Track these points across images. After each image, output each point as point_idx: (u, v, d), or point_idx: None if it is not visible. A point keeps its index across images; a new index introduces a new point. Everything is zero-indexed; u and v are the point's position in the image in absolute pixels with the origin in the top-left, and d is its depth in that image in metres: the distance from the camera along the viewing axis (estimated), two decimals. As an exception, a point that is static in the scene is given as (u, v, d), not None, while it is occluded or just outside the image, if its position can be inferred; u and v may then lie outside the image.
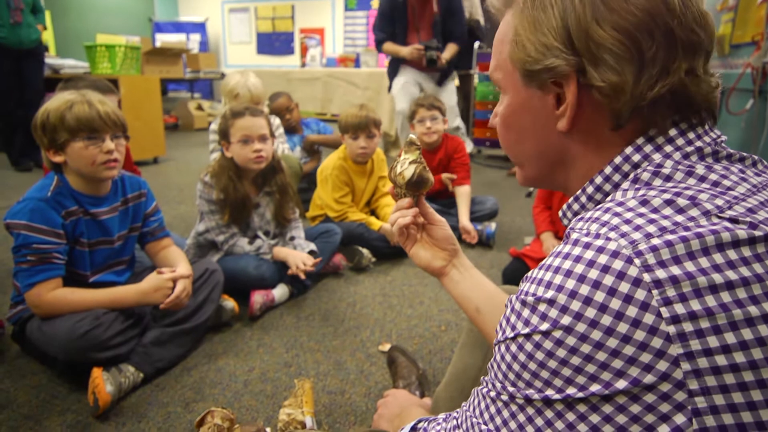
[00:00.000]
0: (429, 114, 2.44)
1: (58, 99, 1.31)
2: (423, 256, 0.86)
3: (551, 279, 0.46)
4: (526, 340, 0.47)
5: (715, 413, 0.40)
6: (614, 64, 0.49)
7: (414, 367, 1.28)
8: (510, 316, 0.50)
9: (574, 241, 0.47)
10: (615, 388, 0.42)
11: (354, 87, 4.85)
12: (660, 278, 0.41)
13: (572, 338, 0.44)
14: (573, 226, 0.50)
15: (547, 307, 0.45)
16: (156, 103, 4.28)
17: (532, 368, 0.47)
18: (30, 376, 1.37)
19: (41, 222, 1.28)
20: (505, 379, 0.50)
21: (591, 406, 0.44)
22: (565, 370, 0.45)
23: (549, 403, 0.46)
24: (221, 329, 1.63)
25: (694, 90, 0.50)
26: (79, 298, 1.31)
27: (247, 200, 1.83)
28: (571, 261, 0.45)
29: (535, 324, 0.46)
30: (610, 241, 0.44)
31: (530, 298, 0.47)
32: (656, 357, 0.41)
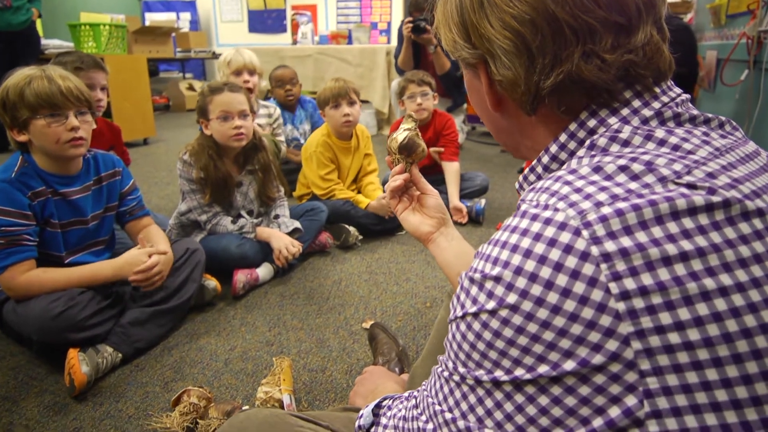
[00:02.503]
0: (419, 90, 2.39)
1: (18, 75, 1.26)
2: (411, 221, 0.87)
3: (498, 255, 0.44)
4: (474, 319, 0.45)
5: (668, 394, 0.38)
6: (505, 58, 0.49)
7: (394, 344, 1.26)
8: (460, 294, 0.48)
9: (522, 213, 0.45)
10: (563, 370, 0.40)
11: (346, 64, 4.76)
12: (609, 251, 0.39)
13: (518, 317, 0.41)
14: (524, 198, 0.47)
15: (493, 284, 0.43)
16: (144, 84, 4.21)
17: (481, 348, 0.45)
18: (8, 357, 1.36)
19: (6, 204, 1.25)
20: (456, 359, 0.48)
21: (539, 387, 0.42)
22: (512, 350, 0.42)
23: (498, 384, 0.44)
24: (204, 309, 1.61)
25: (594, 74, 0.46)
26: (52, 278, 1.28)
27: (229, 179, 1.80)
28: (517, 235, 0.43)
29: (482, 302, 0.44)
30: (558, 212, 0.41)
31: (477, 275, 0.45)
32: (605, 336, 0.38)
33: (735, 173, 0.42)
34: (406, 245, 2.14)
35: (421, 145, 0.84)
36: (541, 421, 0.42)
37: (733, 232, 0.39)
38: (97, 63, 1.88)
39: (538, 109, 0.51)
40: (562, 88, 0.48)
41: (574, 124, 0.49)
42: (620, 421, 0.39)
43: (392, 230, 2.25)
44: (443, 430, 0.50)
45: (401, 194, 0.88)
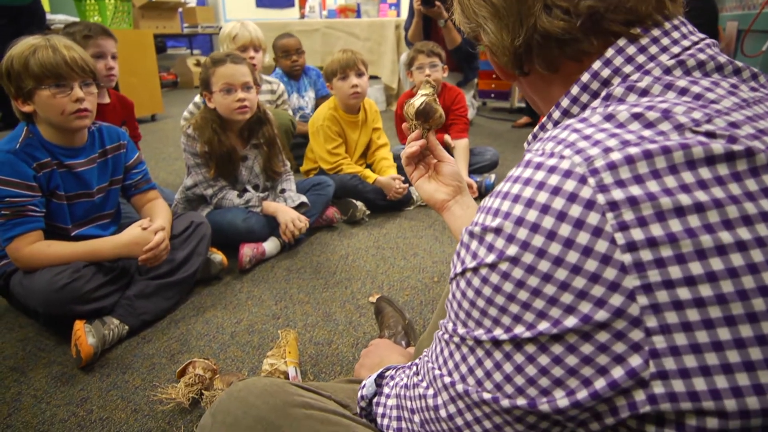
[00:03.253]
0: (428, 61, 2.33)
1: (22, 44, 1.24)
2: (426, 188, 0.86)
3: (499, 206, 0.42)
4: (473, 274, 0.43)
5: (676, 354, 0.35)
6: (486, 26, 0.51)
7: (400, 317, 1.25)
8: (460, 250, 0.46)
9: (526, 162, 0.42)
10: (564, 326, 0.38)
11: (354, 38, 4.67)
12: (616, 199, 0.36)
13: (519, 270, 0.39)
14: (530, 148, 0.44)
15: (493, 237, 0.41)
16: (151, 59, 4.16)
17: (480, 305, 0.43)
18: (17, 329, 1.37)
19: (11, 174, 1.24)
20: (456, 319, 0.46)
21: (540, 346, 0.39)
22: (512, 306, 0.40)
23: (497, 344, 0.42)
24: (210, 282, 1.61)
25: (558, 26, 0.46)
26: (57, 251, 1.28)
27: (234, 153, 1.77)
28: (520, 184, 0.41)
29: (482, 256, 0.42)
30: (564, 159, 0.39)
31: (477, 228, 0.43)
32: (609, 290, 0.36)
33: (761, 124, 0.38)
34: (413, 220, 2.11)
35: (438, 111, 0.82)
36: (541, 381, 0.40)
37: (755, 184, 0.35)
38: (105, 30, 1.85)
39: (528, 70, 0.52)
40: (535, 45, 0.48)
41: (587, 74, 0.47)
42: (624, 382, 0.37)
43: (400, 205, 2.22)
44: (442, 394, 0.48)
45: (417, 161, 0.86)
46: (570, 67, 0.49)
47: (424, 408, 0.51)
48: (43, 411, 1.08)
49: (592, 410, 0.39)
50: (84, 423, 1.05)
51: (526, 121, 3.87)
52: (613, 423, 0.39)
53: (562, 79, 0.51)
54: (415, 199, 2.25)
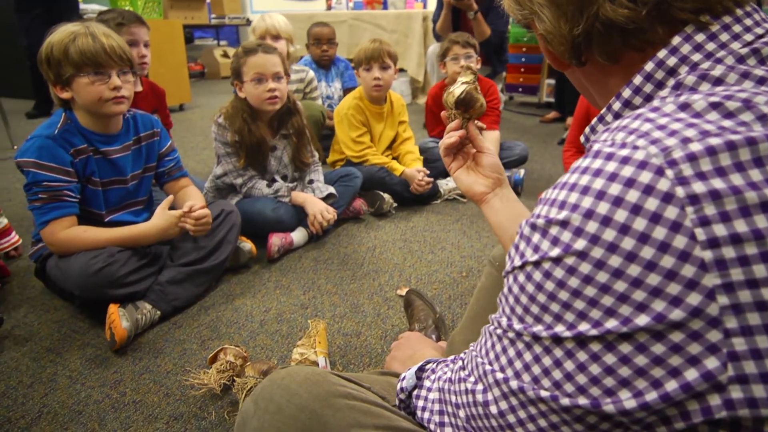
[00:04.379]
0: (464, 51, 2.30)
1: (62, 31, 1.25)
2: (465, 180, 0.83)
3: (565, 198, 0.40)
4: (535, 268, 0.41)
5: (757, 358, 0.33)
6: (542, 13, 0.49)
7: (431, 311, 1.24)
8: (519, 243, 0.44)
9: (595, 152, 0.40)
10: (635, 325, 0.36)
11: (381, 30, 4.64)
12: (697, 193, 0.34)
13: (587, 265, 0.37)
14: (597, 139, 0.42)
15: (558, 229, 0.39)
16: (180, 49, 4.21)
17: (541, 301, 0.41)
18: (52, 311, 1.40)
19: (49, 159, 1.26)
20: (512, 314, 0.45)
21: (606, 344, 0.38)
22: (577, 302, 0.38)
23: (558, 341, 0.40)
24: (239, 271, 1.62)
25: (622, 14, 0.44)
26: (92, 236, 1.30)
27: (263, 143, 1.78)
28: (589, 176, 0.39)
29: (545, 250, 0.40)
30: (638, 149, 0.37)
31: (540, 220, 0.41)
32: (687, 288, 0.34)
33: None
34: (440, 214, 2.09)
35: (479, 100, 0.79)
36: (605, 381, 0.38)
37: None
38: (138, 18, 1.86)
39: (585, 60, 0.50)
40: (596, 34, 0.46)
41: (651, 64, 0.44)
42: (698, 385, 0.35)
43: (427, 198, 2.20)
44: (493, 390, 0.47)
45: (456, 152, 0.84)
46: (631, 57, 0.47)
47: (471, 403, 0.50)
48: (78, 392, 1.10)
49: (660, 413, 0.37)
50: (118, 405, 1.06)
51: (555, 116, 3.80)
52: (683, 428, 0.37)
53: (622, 69, 0.49)
54: (441, 193, 2.23)
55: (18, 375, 1.15)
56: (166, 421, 1.02)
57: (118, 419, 1.02)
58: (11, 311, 1.40)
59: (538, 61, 4.12)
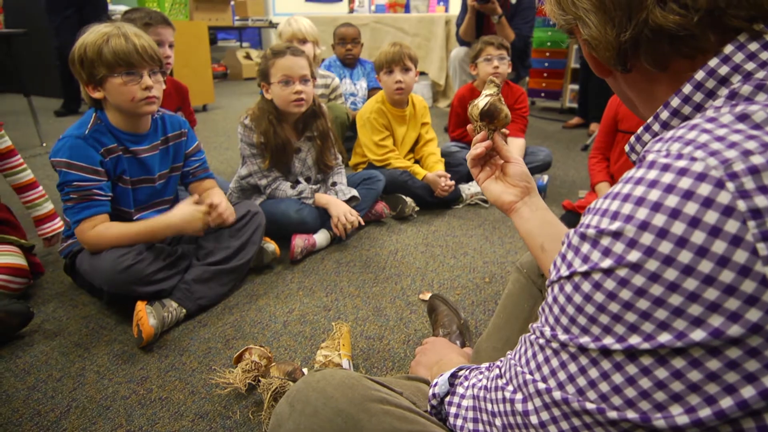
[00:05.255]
0: (497, 53, 2.29)
1: (95, 32, 1.27)
2: (493, 190, 0.83)
3: (618, 208, 0.39)
4: (584, 279, 0.40)
5: None
6: (587, 18, 0.48)
7: (455, 317, 1.23)
8: (566, 253, 0.43)
9: (650, 163, 0.39)
10: (690, 340, 0.35)
11: (403, 33, 4.65)
12: (759, 207, 0.33)
13: (640, 277, 0.37)
14: (649, 148, 0.42)
15: (611, 240, 0.38)
16: (204, 50, 4.27)
17: (590, 312, 0.40)
18: (81, 306, 1.42)
19: (80, 159, 1.28)
20: (556, 324, 0.44)
21: (658, 358, 0.37)
22: (629, 315, 0.38)
23: (607, 353, 0.40)
24: (262, 271, 1.63)
25: (672, 20, 0.43)
26: (116, 232, 1.32)
27: (288, 145, 1.79)
28: (644, 186, 0.38)
29: (596, 260, 0.39)
30: (696, 161, 0.36)
31: (591, 230, 0.41)
32: (746, 304, 0.33)
33: None
34: (462, 219, 2.08)
35: (504, 111, 0.79)
36: (656, 395, 0.38)
37: None
38: (165, 19, 1.89)
39: (630, 67, 0.49)
40: (644, 40, 0.45)
41: (702, 72, 0.43)
42: (755, 402, 0.34)
43: (448, 203, 2.19)
44: (534, 400, 0.46)
45: (483, 162, 0.84)
46: (680, 65, 0.46)
47: (509, 412, 0.50)
48: (105, 387, 1.12)
49: (713, 430, 0.36)
50: (144, 401, 1.07)
51: (578, 121, 3.76)
52: None
53: (669, 77, 0.48)
54: (463, 197, 2.22)
55: (47, 369, 1.18)
56: (192, 419, 1.03)
57: (144, 415, 1.04)
58: (41, 306, 1.42)
59: (562, 66, 4.09)
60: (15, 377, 1.15)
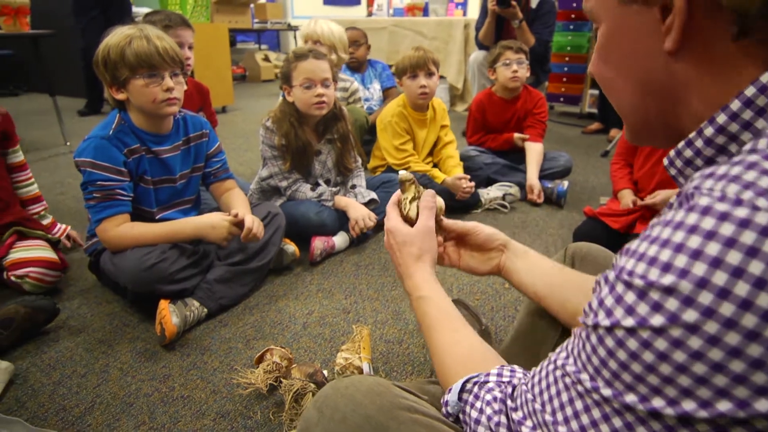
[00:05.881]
0: (516, 57, 2.28)
1: (117, 34, 1.29)
2: (474, 266, 0.84)
3: (670, 259, 0.35)
4: (629, 335, 0.37)
5: None
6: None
7: (476, 322, 1.22)
8: (605, 298, 0.40)
9: (704, 208, 0.35)
10: (753, 410, 0.32)
11: (421, 37, 4.65)
12: None
13: (697, 340, 0.34)
14: (699, 185, 0.37)
15: (662, 296, 0.35)
16: (225, 53, 4.31)
17: (636, 371, 0.37)
18: (104, 304, 1.44)
19: (104, 159, 1.30)
20: (597, 375, 0.41)
21: (716, 428, 0.34)
22: (682, 378, 0.35)
23: (657, 416, 0.36)
24: (282, 272, 1.64)
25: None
26: (140, 232, 1.34)
27: (309, 147, 1.80)
28: (700, 237, 0.34)
29: (644, 315, 0.36)
30: (759, 211, 0.32)
31: (638, 281, 0.37)
32: None
33: None
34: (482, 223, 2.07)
35: (437, 206, 0.78)
36: None
37: None
38: (184, 21, 1.91)
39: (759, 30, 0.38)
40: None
41: (752, 88, 0.39)
42: None
43: (467, 207, 2.19)
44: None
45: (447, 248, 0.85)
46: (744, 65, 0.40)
47: None
48: (128, 384, 1.13)
49: None
50: (167, 399, 1.09)
51: (597, 127, 3.72)
52: None
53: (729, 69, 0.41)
54: (482, 202, 2.21)
55: (72, 365, 1.20)
56: (213, 417, 1.04)
57: (167, 413, 1.05)
58: (65, 302, 1.45)
59: (582, 71, 4.05)
60: (41, 372, 1.17)
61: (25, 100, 5.00)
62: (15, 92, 5.37)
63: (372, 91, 2.96)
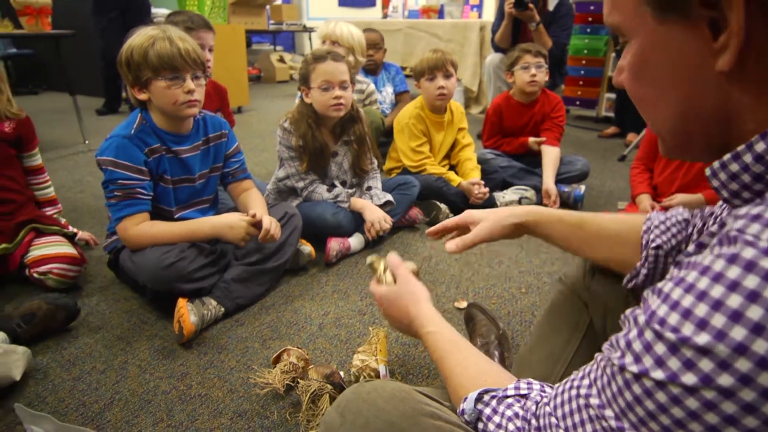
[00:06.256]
0: (535, 61, 2.27)
1: (141, 35, 1.30)
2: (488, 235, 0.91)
3: (706, 316, 0.33)
4: (658, 388, 0.36)
5: None
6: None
7: (494, 326, 1.21)
8: (633, 342, 0.38)
9: (748, 263, 0.32)
10: None
11: (437, 39, 4.64)
12: None
13: (732, 405, 0.32)
14: (744, 229, 0.34)
15: (696, 355, 0.33)
16: (241, 54, 4.34)
17: (665, 423, 0.36)
18: (123, 301, 1.46)
19: (125, 158, 1.32)
20: (623, 417, 0.40)
21: None
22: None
23: None
24: (298, 273, 1.64)
25: None
26: (159, 230, 1.35)
27: (325, 148, 1.80)
28: (741, 297, 0.32)
29: (675, 371, 0.35)
30: None
31: (670, 334, 0.35)
32: None
33: None
34: (497, 227, 2.06)
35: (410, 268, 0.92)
36: None
37: None
38: (206, 23, 1.93)
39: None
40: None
41: None
42: None
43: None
44: None
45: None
46: None
47: None
48: (147, 381, 1.14)
49: None
50: (184, 397, 1.09)
51: (614, 131, 3.68)
52: None
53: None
54: (498, 206, 2.19)
55: (92, 361, 1.21)
56: (230, 416, 1.04)
57: (184, 411, 1.05)
58: (85, 299, 1.47)
59: (599, 74, 4.02)
60: (61, 368, 1.18)
61: (44, 99, 5.08)
62: (34, 91, 5.46)
63: (384, 95, 2.95)
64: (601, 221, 0.81)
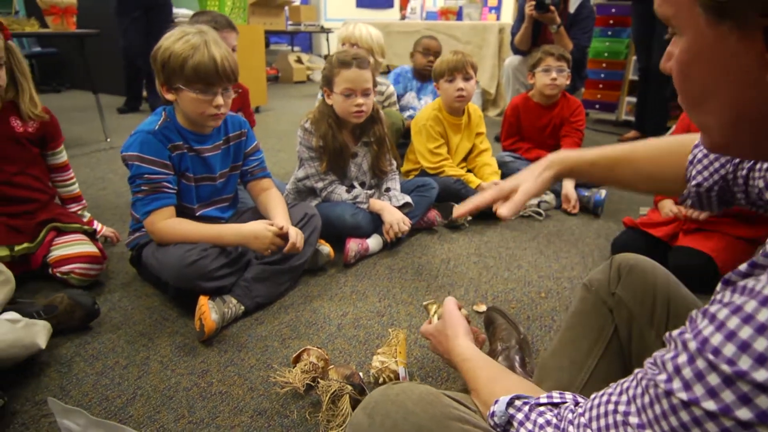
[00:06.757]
0: (557, 64, 2.26)
1: (182, 40, 1.30)
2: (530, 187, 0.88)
3: (764, 349, 0.32)
4: (709, 419, 0.35)
5: None
6: None
7: (514, 331, 1.20)
8: (682, 368, 0.38)
9: None
10: None
11: (455, 41, 4.64)
12: None
13: None
14: None
15: (753, 390, 0.33)
16: (260, 54, 4.38)
17: None
18: (144, 298, 1.48)
19: (151, 153, 1.33)
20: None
21: None
22: None
23: None
24: (317, 273, 1.65)
25: None
26: (186, 229, 1.36)
27: (345, 149, 1.81)
28: None
29: (728, 403, 0.34)
30: None
31: (726, 366, 0.34)
32: None
33: None
34: (516, 231, 2.05)
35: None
36: None
37: None
38: (230, 23, 1.94)
39: None
40: None
41: None
42: None
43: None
44: None
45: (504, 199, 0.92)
46: None
47: None
48: (168, 377, 1.15)
49: None
50: (205, 394, 1.10)
51: (634, 135, 3.63)
52: None
53: None
54: (516, 209, 2.18)
55: (114, 356, 1.22)
56: (251, 415, 1.05)
57: (205, 408, 1.06)
58: (107, 294, 1.49)
59: (619, 78, 3.98)
60: (84, 362, 1.20)
61: (67, 97, 5.17)
62: (57, 89, 5.56)
63: (423, 103, 2.89)
64: (637, 164, 0.82)
